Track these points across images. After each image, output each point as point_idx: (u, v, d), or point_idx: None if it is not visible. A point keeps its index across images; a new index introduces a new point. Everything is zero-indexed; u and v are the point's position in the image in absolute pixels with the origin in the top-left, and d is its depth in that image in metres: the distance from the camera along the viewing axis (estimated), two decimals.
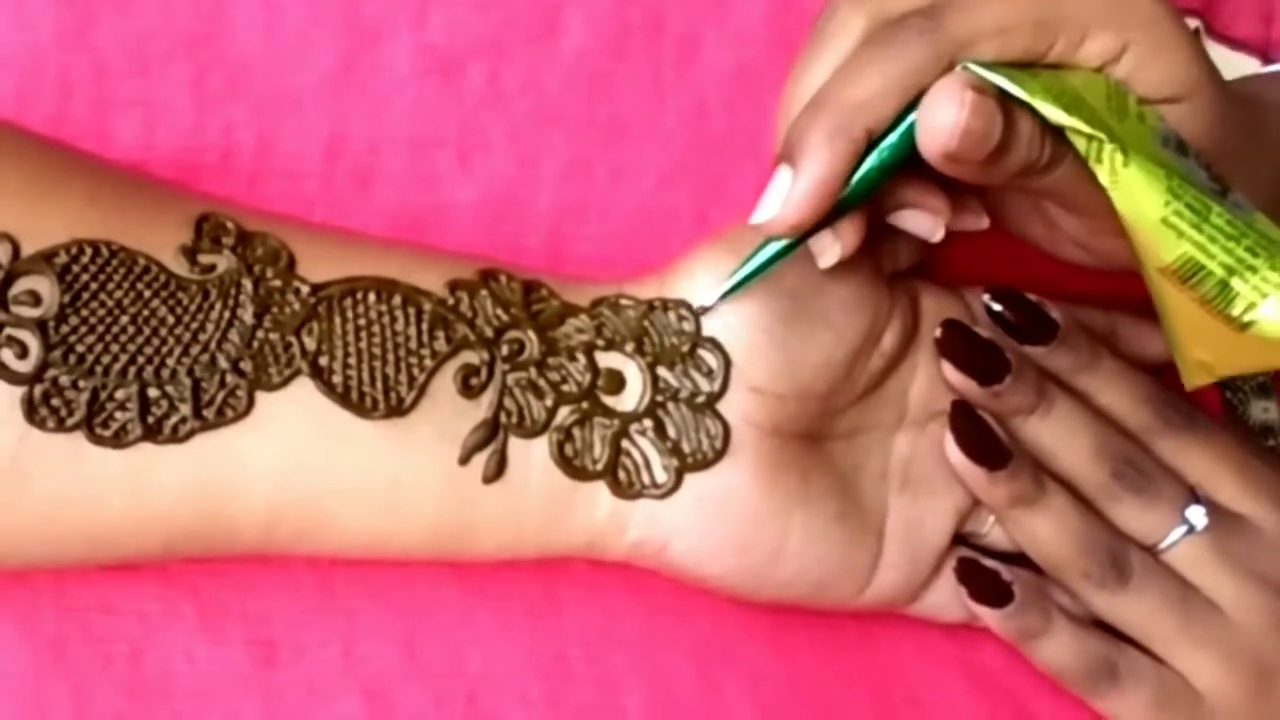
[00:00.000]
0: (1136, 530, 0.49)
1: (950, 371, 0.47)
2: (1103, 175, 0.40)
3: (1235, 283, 0.40)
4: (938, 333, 0.48)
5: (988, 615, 0.48)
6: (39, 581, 0.46)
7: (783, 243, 0.43)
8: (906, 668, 0.51)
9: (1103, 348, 0.49)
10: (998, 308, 0.48)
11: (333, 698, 0.47)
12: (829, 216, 0.42)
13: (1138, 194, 0.40)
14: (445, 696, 0.48)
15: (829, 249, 0.44)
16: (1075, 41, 0.42)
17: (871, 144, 0.41)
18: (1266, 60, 0.59)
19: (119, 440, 0.40)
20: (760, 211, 0.42)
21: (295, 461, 0.42)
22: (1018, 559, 0.49)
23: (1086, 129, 0.40)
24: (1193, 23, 0.59)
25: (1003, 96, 0.40)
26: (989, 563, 0.49)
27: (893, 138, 0.42)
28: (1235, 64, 0.59)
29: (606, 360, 0.45)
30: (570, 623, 0.49)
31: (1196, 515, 0.48)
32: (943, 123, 0.39)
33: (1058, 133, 0.41)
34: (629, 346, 0.45)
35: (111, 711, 0.46)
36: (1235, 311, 0.40)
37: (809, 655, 0.50)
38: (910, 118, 0.41)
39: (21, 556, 0.42)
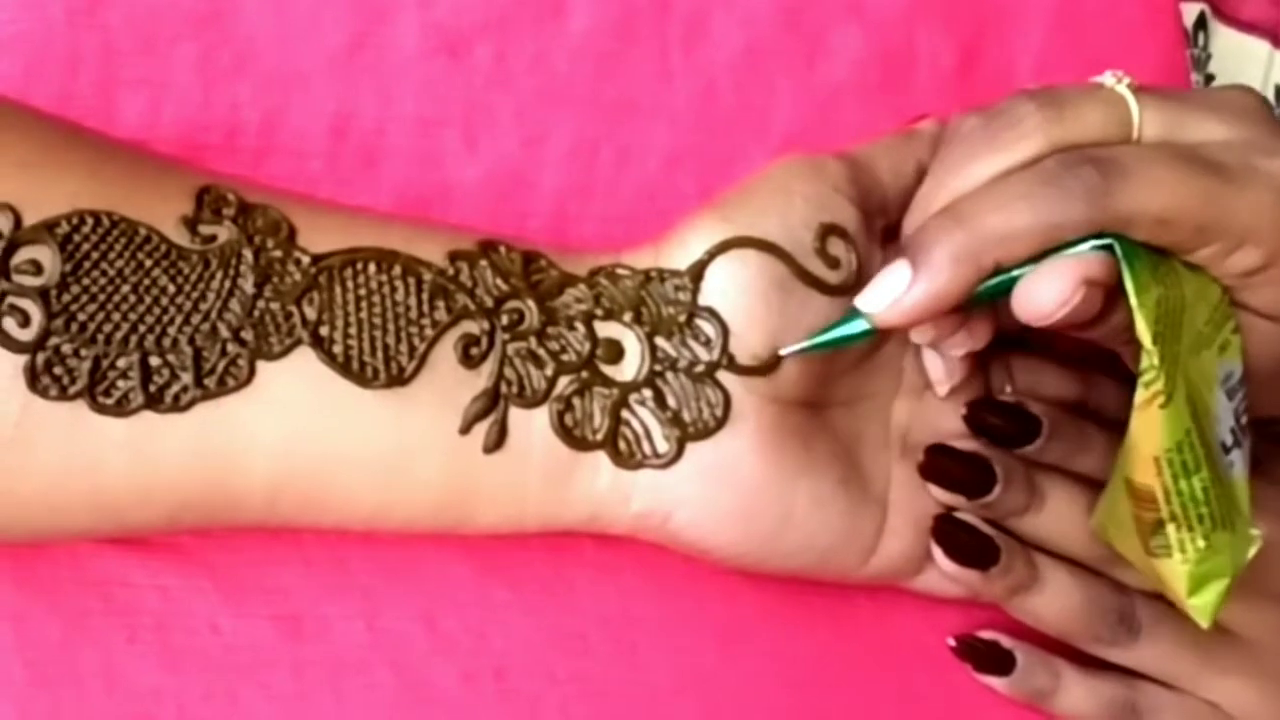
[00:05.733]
0: (1145, 584, 0.49)
1: (938, 492, 0.48)
2: (1138, 397, 0.42)
3: (1170, 528, 0.43)
4: (920, 458, 0.48)
5: (996, 684, 0.49)
6: (57, 555, 0.46)
7: (869, 326, 0.44)
8: (924, 643, 0.51)
9: (1089, 425, 0.49)
10: (979, 422, 0.48)
11: (362, 671, 0.47)
12: None
13: (1152, 429, 0.42)
14: (473, 672, 0.48)
15: (959, 346, 0.46)
16: (1227, 250, 0.42)
17: (995, 273, 0.42)
18: (1277, 42, 0.58)
19: (121, 409, 0.41)
20: (867, 298, 0.43)
21: (296, 431, 0.42)
22: None
23: (1155, 363, 0.41)
24: (1199, 6, 0.58)
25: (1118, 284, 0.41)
26: (986, 635, 0.50)
27: (1015, 273, 0.42)
28: (1245, 47, 0.59)
29: (605, 330, 0.45)
30: (586, 602, 0.49)
31: None
32: (1044, 304, 0.41)
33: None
34: (627, 316, 0.45)
35: (145, 685, 0.46)
36: (1153, 543, 0.44)
37: (827, 633, 0.50)
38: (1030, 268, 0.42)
39: (27, 525, 0.42)
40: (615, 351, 0.45)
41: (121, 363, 0.41)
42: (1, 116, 0.42)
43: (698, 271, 0.45)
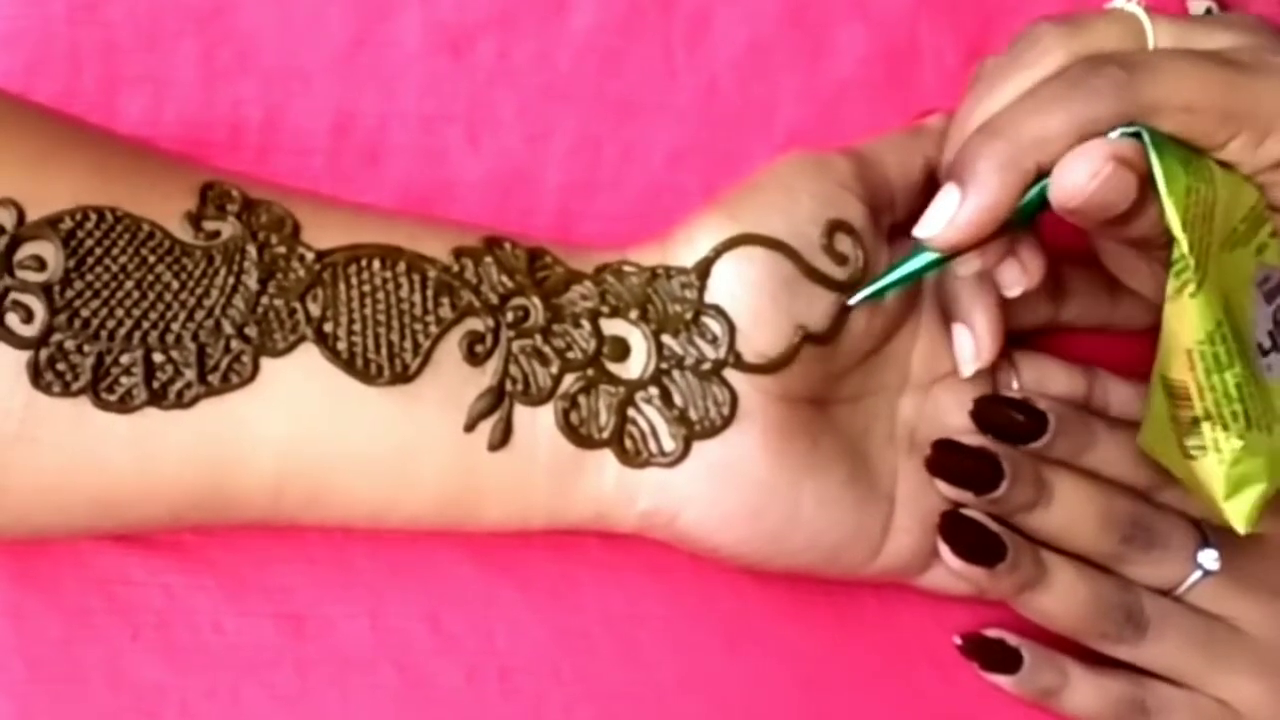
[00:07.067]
0: (1152, 581, 0.49)
1: (945, 488, 0.48)
2: (1170, 288, 0.42)
3: (1204, 426, 0.43)
4: (928, 452, 0.48)
5: (1003, 682, 0.49)
6: (59, 552, 0.46)
7: (936, 255, 0.44)
8: (931, 641, 0.51)
9: (1095, 421, 0.49)
10: (986, 417, 0.48)
11: (366, 670, 0.47)
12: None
13: (1184, 319, 0.42)
14: (477, 671, 0.48)
15: (1014, 282, 0.46)
16: (1256, 139, 0.42)
17: (1039, 177, 0.42)
18: None
19: (124, 405, 0.40)
20: (923, 225, 0.43)
21: (301, 428, 0.42)
22: None
23: (1184, 250, 0.41)
24: (1206, 3, 0.58)
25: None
26: (993, 633, 0.49)
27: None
28: None
29: (611, 327, 0.45)
30: (591, 602, 0.49)
31: (1209, 559, 0.49)
32: (1073, 183, 0.41)
33: None
34: (633, 313, 0.45)
35: (149, 682, 0.46)
36: (1189, 443, 0.44)
37: (834, 630, 0.50)
38: None
39: (29, 522, 0.42)
40: (621, 349, 0.45)
41: (125, 359, 0.40)
42: (4, 112, 0.42)
43: (704, 269, 0.45)
